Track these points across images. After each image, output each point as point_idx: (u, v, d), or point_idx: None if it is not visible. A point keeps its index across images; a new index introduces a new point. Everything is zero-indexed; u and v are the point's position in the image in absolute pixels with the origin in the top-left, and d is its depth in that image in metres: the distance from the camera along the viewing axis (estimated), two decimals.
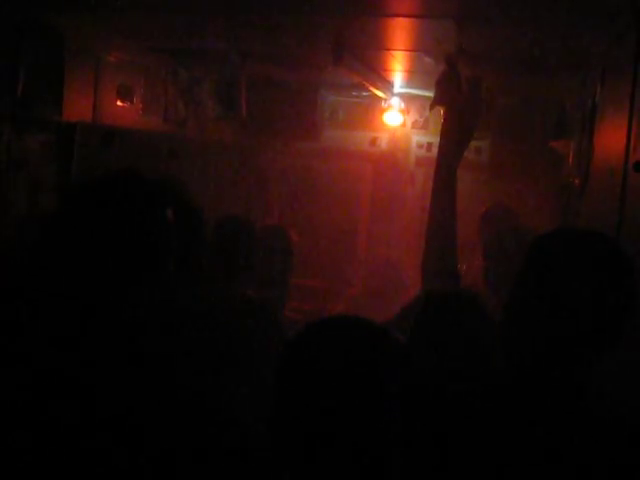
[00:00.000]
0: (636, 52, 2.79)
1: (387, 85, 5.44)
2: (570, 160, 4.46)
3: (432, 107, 2.87)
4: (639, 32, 2.74)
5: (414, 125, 6.29)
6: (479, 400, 1.55)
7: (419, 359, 1.43)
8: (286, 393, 1.36)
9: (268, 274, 3.48)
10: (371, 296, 4.76)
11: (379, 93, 5.49)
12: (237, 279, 3.06)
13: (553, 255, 1.53)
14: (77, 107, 3.88)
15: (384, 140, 6.39)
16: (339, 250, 6.24)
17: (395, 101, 5.93)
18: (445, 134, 2.66)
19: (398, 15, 3.32)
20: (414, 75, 5.01)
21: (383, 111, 6.00)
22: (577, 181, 4.05)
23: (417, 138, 6.31)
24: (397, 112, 5.97)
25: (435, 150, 2.69)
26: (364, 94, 5.93)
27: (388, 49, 4.11)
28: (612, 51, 3.35)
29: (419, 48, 3.99)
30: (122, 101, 4.34)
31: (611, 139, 3.26)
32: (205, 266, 1.95)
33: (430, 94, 2.80)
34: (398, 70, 4.89)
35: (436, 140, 2.69)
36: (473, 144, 5.77)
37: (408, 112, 6.15)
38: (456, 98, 2.71)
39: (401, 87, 5.65)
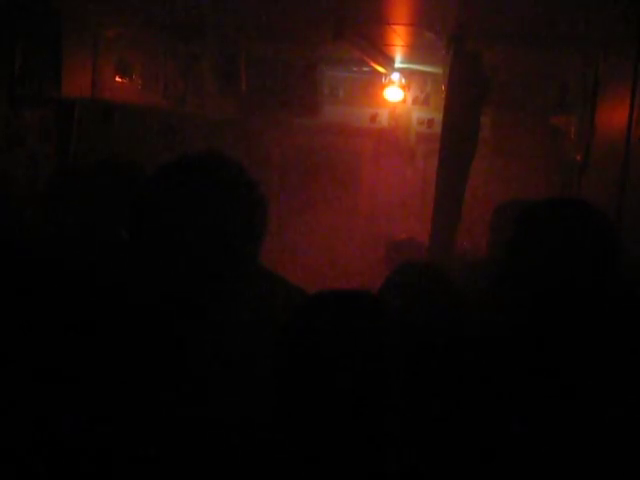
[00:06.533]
0: (639, 27, 2.77)
1: (388, 60, 5.39)
2: (572, 136, 4.44)
3: None
4: None
5: (415, 101, 6.25)
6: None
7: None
8: (290, 361, 1.41)
9: None
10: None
11: (380, 68, 5.45)
12: None
13: (540, 223, 1.78)
14: (76, 83, 3.85)
15: (384, 116, 6.36)
16: (338, 226, 6.23)
17: (396, 76, 5.89)
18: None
19: None
20: (415, 50, 4.97)
21: (384, 87, 5.96)
22: (579, 157, 4.04)
23: (418, 114, 6.27)
24: (398, 88, 5.93)
25: (435, 126, 2.68)
26: (364, 69, 5.89)
27: (389, 23, 4.07)
28: (615, 26, 3.32)
29: (420, 22, 3.96)
30: (121, 77, 4.30)
31: (613, 114, 3.24)
32: None
33: (431, 69, 2.78)
34: (399, 45, 4.84)
35: (437, 116, 2.68)
36: None
37: (409, 88, 6.10)
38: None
39: (402, 62, 5.60)
